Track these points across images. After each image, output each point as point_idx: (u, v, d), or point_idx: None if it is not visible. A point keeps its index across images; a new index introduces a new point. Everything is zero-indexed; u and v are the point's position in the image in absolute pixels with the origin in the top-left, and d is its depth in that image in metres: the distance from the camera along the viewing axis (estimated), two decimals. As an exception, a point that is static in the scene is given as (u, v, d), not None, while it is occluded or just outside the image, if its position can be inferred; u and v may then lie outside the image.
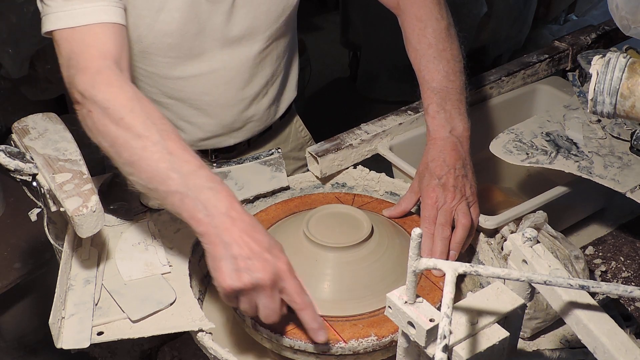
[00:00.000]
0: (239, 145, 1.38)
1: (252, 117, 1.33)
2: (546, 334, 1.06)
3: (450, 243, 1.05)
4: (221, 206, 0.87)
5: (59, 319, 0.91)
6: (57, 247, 1.03)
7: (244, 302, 0.88)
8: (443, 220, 1.04)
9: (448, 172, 1.07)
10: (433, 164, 1.09)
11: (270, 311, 0.88)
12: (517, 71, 1.42)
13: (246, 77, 1.27)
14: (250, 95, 1.29)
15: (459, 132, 1.12)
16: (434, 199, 1.06)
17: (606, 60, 0.85)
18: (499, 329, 0.72)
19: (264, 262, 0.85)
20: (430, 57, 1.15)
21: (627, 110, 0.85)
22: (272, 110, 1.37)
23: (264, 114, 1.35)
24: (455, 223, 1.05)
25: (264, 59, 1.27)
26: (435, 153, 1.09)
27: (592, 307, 0.73)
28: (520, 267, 0.80)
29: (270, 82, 1.32)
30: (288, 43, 1.32)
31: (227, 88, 1.26)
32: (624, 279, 1.21)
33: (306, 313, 0.89)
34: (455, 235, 1.05)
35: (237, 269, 0.84)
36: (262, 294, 0.86)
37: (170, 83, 1.22)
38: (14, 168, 0.93)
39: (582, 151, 1.16)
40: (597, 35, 1.49)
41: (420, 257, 0.67)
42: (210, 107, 1.27)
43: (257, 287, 0.85)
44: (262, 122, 1.37)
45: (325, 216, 1.05)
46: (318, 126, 1.68)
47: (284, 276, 0.87)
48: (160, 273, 1.01)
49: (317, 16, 4.06)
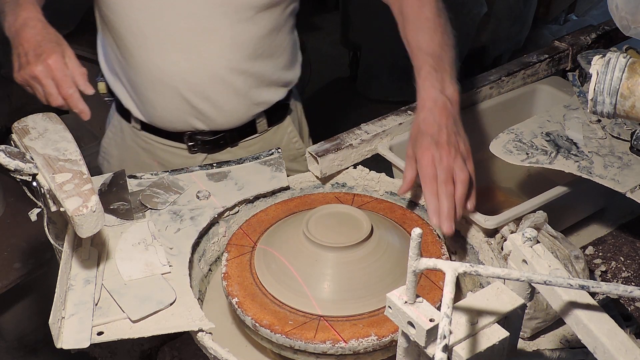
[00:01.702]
0: (219, 139, 1.40)
1: (215, 101, 1.33)
2: (546, 334, 1.06)
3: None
4: (22, 16, 1.10)
5: (59, 319, 0.91)
6: (57, 247, 1.03)
7: (33, 90, 1.11)
8: (444, 177, 1.03)
9: (440, 130, 1.06)
10: (424, 124, 1.08)
11: (48, 96, 1.09)
12: (517, 71, 1.42)
13: (204, 48, 1.28)
14: (209, 73, 1.30)
15: (450, 93, 1.11)
16: (430, 157, 1.05)
17: (606, 60, 0.85)
18: (499, 329, 0.72)
19: (35, 58, 1.07)
20: (427, 29, 1.17)
21: (627, 110, 0.85)
22: (244, 103, 1.36)
23: (232, 103, 1.35)
24: (454, 179, 1.05)
25: (236, 35, 1.27)
26: (426, 113, 1.09)
27: (592, 307, 0.73)
28: (520, 267, 0.80)
29: (238, 71, 1.31)
30: (271, 34, 1.32)
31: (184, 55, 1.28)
32: (624, 279, 1.21)
33: (63, 89, 1.08)
34: (456, 192, 1.04)
35: (20, 64, 1.09)
36: (38, 84, 1.08)
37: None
38: (14, 168, 0.93)
39: (582, 151, 1.16)
40: (597, 35, 1.49)
41: (421, 257, 0.67)
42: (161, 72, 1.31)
43: (34, 79, 1.08)
44: (232, 114, 1.37)
45: (325, 216, 1.05)
46: (318, 126, 1.68)
47: (52, 66, 1.07)
48: (160, 273, 1.01)
49: (317, 16, 4.06)
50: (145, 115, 1.39)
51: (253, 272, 1.03)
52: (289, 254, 1.02)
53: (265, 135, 1.46)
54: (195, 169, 1.22)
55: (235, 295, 1.00)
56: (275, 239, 1.07)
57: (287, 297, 0.98)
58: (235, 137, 1.43)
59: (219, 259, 1.17)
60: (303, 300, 0.97)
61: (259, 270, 1.03)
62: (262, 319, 0.95)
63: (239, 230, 1.12)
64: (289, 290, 0.99)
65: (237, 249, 1.08)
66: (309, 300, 0.97)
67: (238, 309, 0.98)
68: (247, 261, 1.05)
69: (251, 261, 1.05)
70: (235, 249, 1.08)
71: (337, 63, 3.71)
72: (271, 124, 1.46)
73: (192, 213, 1.13)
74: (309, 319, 0.96)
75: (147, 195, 1.16)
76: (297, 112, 1.56)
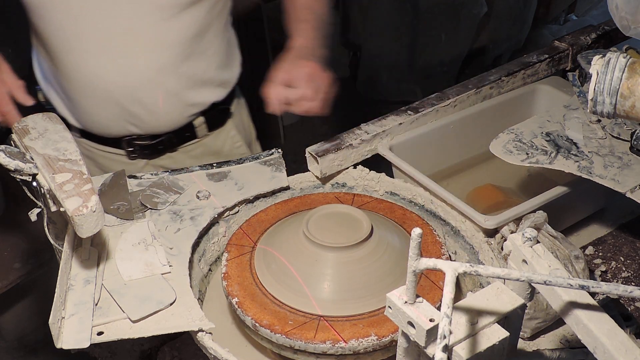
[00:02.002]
0: (157, 144, 1.38)
1: (146, 104, 1.31)
2: (546, 334, 1.06)
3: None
4: None
5: (59, 319, 0.91)
6: (57, 247, 1.03)
7: None
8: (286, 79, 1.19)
9: (301, 59, 1.21)
10: (288, 56, 1.23)
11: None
12: (517, 71, 1.42)
13: (130, 49, 1.26)
14: (138, 75, 1.28)
15: (317, 50, 1.25)
16: (284, 68, 1.19)
17: (606, 60, 0.85)
18: (499, 329, 0.72)
19: None
20: (307, 6, 1.30)
21: (627, 110, 0.85)
22: (177, 105, 1.35)
23: (164, 105, 1.33)
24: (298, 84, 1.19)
25: (157, 36, 1.26)
26: (292, 55, 1.23)
27: (592, 307, 0.73)
28: (520, 267, 0.80)
29: (167, 71, 1.30)
30: (197, 34, 1.30)
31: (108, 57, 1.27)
32: (624, 279, 1.21)
33: None
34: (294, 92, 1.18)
35: None
36: None
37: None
38: (14, 168, 0.93)
39: (582, 151, 1.16)
40: (597, 35, 1.49)
41: (421, 257, 0.67)
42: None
43: None
44: (165, 117, 1.35)
45: (325, 216, 1.05)
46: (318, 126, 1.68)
47: None
48: (160, 273, 1.01)
49: (317, 16, 4.06)
50: (81, 122, 1.37)
51: (253, 272, 1.03)
52: (289, 254, 1.02)
53: (206, 140, 1.44)
54: (195, 168, 1.22)
55: (235, 295, 1.00)
56: (275, 239, 1.07)
57: (287, 297, 0.98)
58: (174, 142, 1.40)
59: (219, 259, 1.17)
60: (303, 300, 0.97)
61: (259, 270, 1.03)
62: (262, 319, 0.95)
63: (239, 230, 1.12)
64: (289, 290, 0.99)
65: (237, 249, 1.08)
66: (309, 300, 0.97)
67: (238, 309, 0.98)
68: (247, 261, 1.05)
69: (251, 261, 1.05)
70: (235, 249, 1.08)
71: (337, 63, 3.71)
72: (212, 129, 1.43)
73: (192, 213, 1.13)
74: (309, 319, 0.96)
75: (147, 195, 1.16)
76: (242, 116, 1.53)
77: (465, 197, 1.31)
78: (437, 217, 1.18)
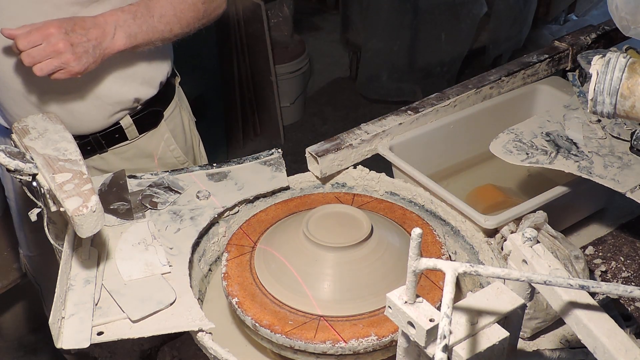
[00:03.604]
0: (85, 145, 1.35)
1: (63, 104, 1.29)
2: (546, 334, 1.06)
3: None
4: None
5: (59, 319, 0.91)
6: (57, 247, 1.03)
7: None
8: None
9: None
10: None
11: None
12: (517, 71, 1.42)
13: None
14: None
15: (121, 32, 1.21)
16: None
17: (606, 60, 0.85)
18: (499, 329, 0.72)
19: None
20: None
21: (627, 110, 0.85)
22: (95, 104, 1.32)
23: (83, 105, 1.31)
24: None
25: None
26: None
27: (592, 307, 0.73)
28: (520, 267, 0.80)
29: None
30: None
31: None
32: (624, 279, 1.21)
33: None
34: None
35: None
36: None
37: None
38: (14, 168, 0.93)
39: (582, 151, 1.16)
40: (597, 35, 1.49)
41: (421, 257, 0.67)
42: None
43: None
44: (85, 118, 1.33)
45: (325, 216, 1.05)
46: (318, 126, 1.68)
47: None
48: (160, 273, 1.01)
49: (317, 16, 4.06)
50: (7, 122, 1.36)
51: (253, 272, 1.03)
52: (289, 254, 1.02)
53: (138, 142, 1.42)
54: (195, 168, 1.22)
55: (235, 295, 1.00)
56: (275, 239, 1.07)
57: (287, 297, 0.98)
58: (101, 143, 1.38)
59: (219, 259, 1.17)
60: (303, 300, 0.97)
61: (259, 270, 1.03)
62: (262, 319, 0.95)
63: (239, 230, 1.12)
64: (289, 290, 0.99)
65: (237, 249, 1.08)
66: (309, 300, 0.97)
67: (238, 309, 0.98)
68: (247, 261, 1.05)
69: (251, 261, 1.05)
70: (235, 249, 1.08)
71: (337, 63, 3.71)
72: (142, 130, 1.41)
73: (192, 213, 1.13)
74: (309, 319, 0.96)
75: (147, 195, 1.16)
76: (181, 120, 1.50)
77: (465, 197, 1.31)
78: (437, 217, 1.18)
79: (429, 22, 3.15)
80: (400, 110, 1.33)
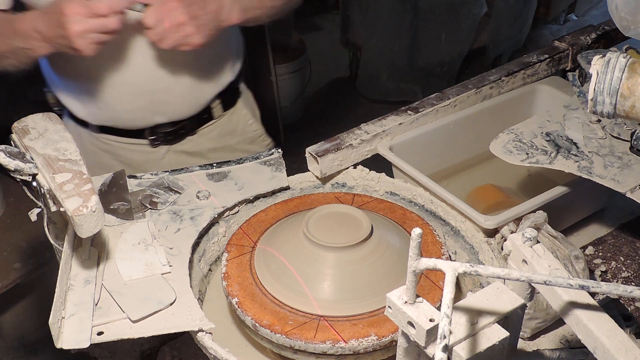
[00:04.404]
0: (179, 129, 1.41)
1: (176, 90, 1.34)
2: (546, 334, 1.06)
3: None
4: None
5: (59, 319, 0.91)
6: (57, 247, 1.03)
7: None
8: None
9: None
10: None
11: None
12: (517, 71, 1.42)
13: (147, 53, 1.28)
14: (169, 63, 1.31)
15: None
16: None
17: (606, 60, 0.85)
18: (499, 329, 0.72)
19: None
20: None
21: (627, 110, 0.85)
22: (200, 86, 1.37)
23: (192, 89, 1.36)
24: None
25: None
26: None
27: (592, 307, 0.73)
28: (520, 267, 0.80)
29: (191, 54, 1.30)
30: None
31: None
32: (624, 279, 1.21)
33: None
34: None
35: None
36: None
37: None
38: (14, 168, 0.93)
39: (582, 151, 1.16)
40: (597, 35, 1.49)
41: (420, 257, 0.67)
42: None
43: None
44: (191, 100, 1.38)
45: (325, 216, 1.05)
46: (318, 126, 1.68)
47: None
48: (160, 273, 1.01)
49: (317, 16, 4.06)
50: (104, 119, 1.39)
51: (253, 272, 1.03)
52: (288, 253, 1.02)
53: (221, 120, 1.48)
54: (195, 168, 1.22)
55: (235, 295, 1.00)
56: (275, 239, 1.07)
57: (287, 297, 0.98)
58: (194, 125, 1.44)
59: (219, 259, 1.17)
60: (303, 300, 0.97)
61: (259, 270, 1.03)
62: (262, 319, 0.95)
63: (239, 230, 1.12)
64: (289, 290, 0.99)
65: (237, 249, 1.08)
66: (309, 300, 0.97)
67: (238, 309, 0.98)
68: (247, 261, 1.05)
69: (251, 261, 1.05)
70: (235, 249, 1.08)
71: (337, 63, 3.71)
72: (226, 108, 1.47)
73: (192, 213, 1.13)
74: (309, 319, 0.96)
75: (147, 195, 1.16)
76: (248, 94, 1.57)
77: (466, 197, 1.31)
78: (437, 217, 1.18)
79: (429, 22, 3.15)
80: (400, 110, 1.33)
